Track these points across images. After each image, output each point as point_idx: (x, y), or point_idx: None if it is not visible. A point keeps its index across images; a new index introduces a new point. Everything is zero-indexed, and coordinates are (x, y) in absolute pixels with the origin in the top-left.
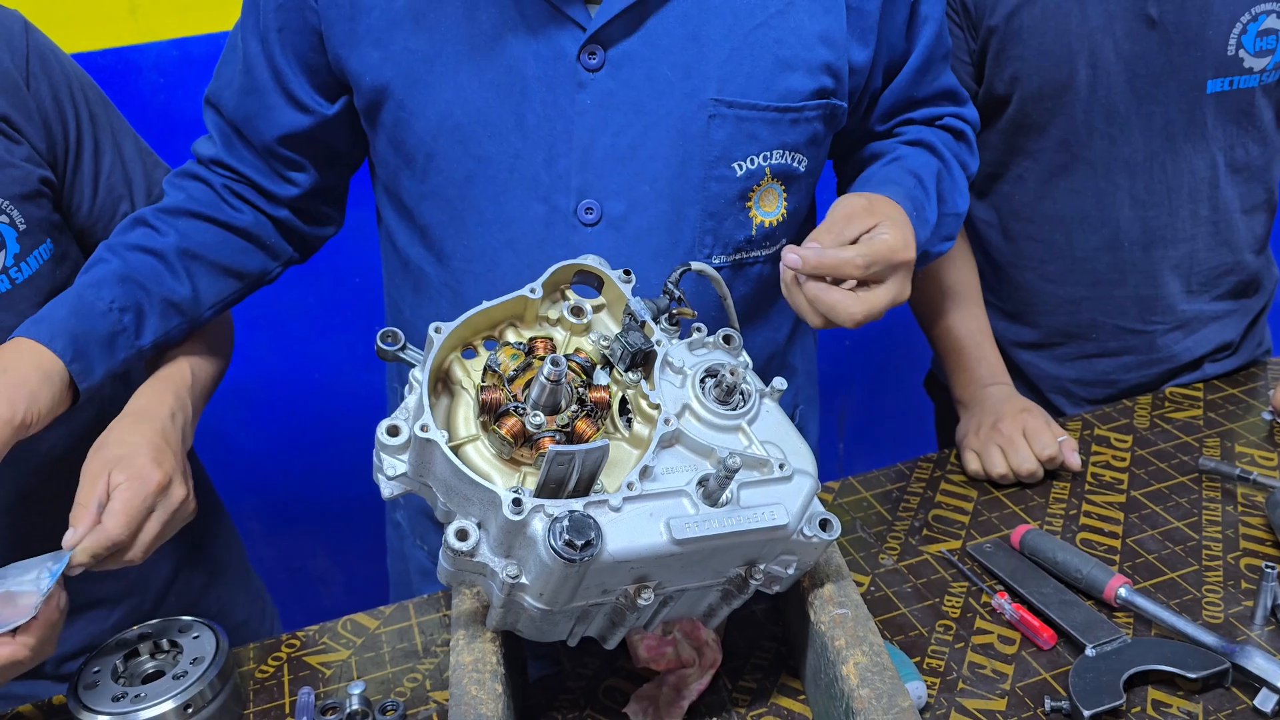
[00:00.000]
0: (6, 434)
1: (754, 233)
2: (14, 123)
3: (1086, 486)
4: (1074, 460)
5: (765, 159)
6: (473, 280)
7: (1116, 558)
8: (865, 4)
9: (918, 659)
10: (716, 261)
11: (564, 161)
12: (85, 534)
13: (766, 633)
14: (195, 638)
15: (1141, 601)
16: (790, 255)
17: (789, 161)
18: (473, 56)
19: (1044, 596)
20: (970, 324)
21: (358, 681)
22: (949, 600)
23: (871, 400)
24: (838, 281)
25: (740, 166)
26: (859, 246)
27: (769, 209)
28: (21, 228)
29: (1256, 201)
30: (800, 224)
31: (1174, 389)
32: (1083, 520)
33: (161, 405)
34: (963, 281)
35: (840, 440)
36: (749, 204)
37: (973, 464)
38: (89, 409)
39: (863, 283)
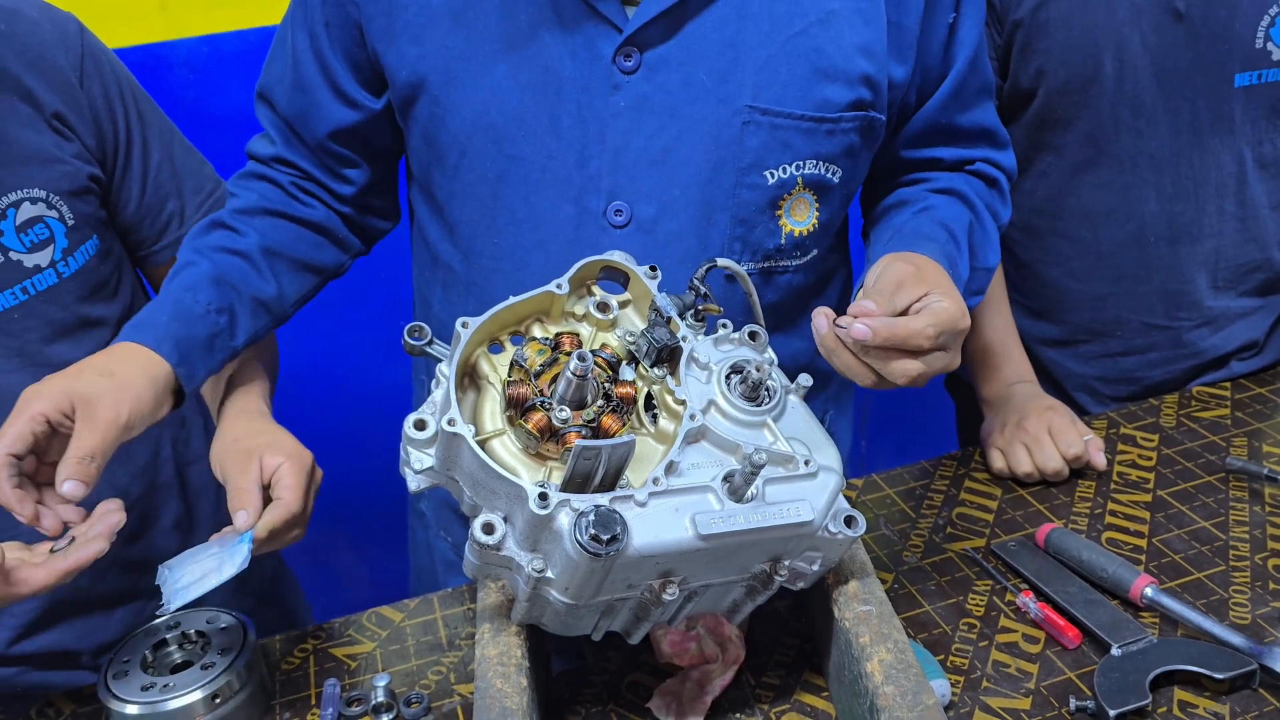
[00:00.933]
0: (112, 435)
1: (784, 241)
2: (67, 120)
3: (1112, 485)
4: (1099, 459)
5: (798, 168)
6: (501, 279)
7: (1142, 557)
8: (905, 19)
9: (941, 656)
10: (745, 269)
11: (596, 163)
12: (257, 513)
13: (790, 629)
14: (223, 629)
15: (1168, 601)
16: (859, 327)
17: (823, 172)
18: (508, 55)
19: (1069, 596)
20: (996, 322)
21: (383, 674)
22: (973, 598)
23: (892, 398)
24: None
25: (772, 174)
26: (926, 317)
27: (800, 218)
28: (70, 223)
29: None
30: (833, 236)
31: (1200, 388)
32: (1108, 519)
33: (261, 404)
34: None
35: (862, 438)
36: (779, 212)
37: (998, 462)
38: None
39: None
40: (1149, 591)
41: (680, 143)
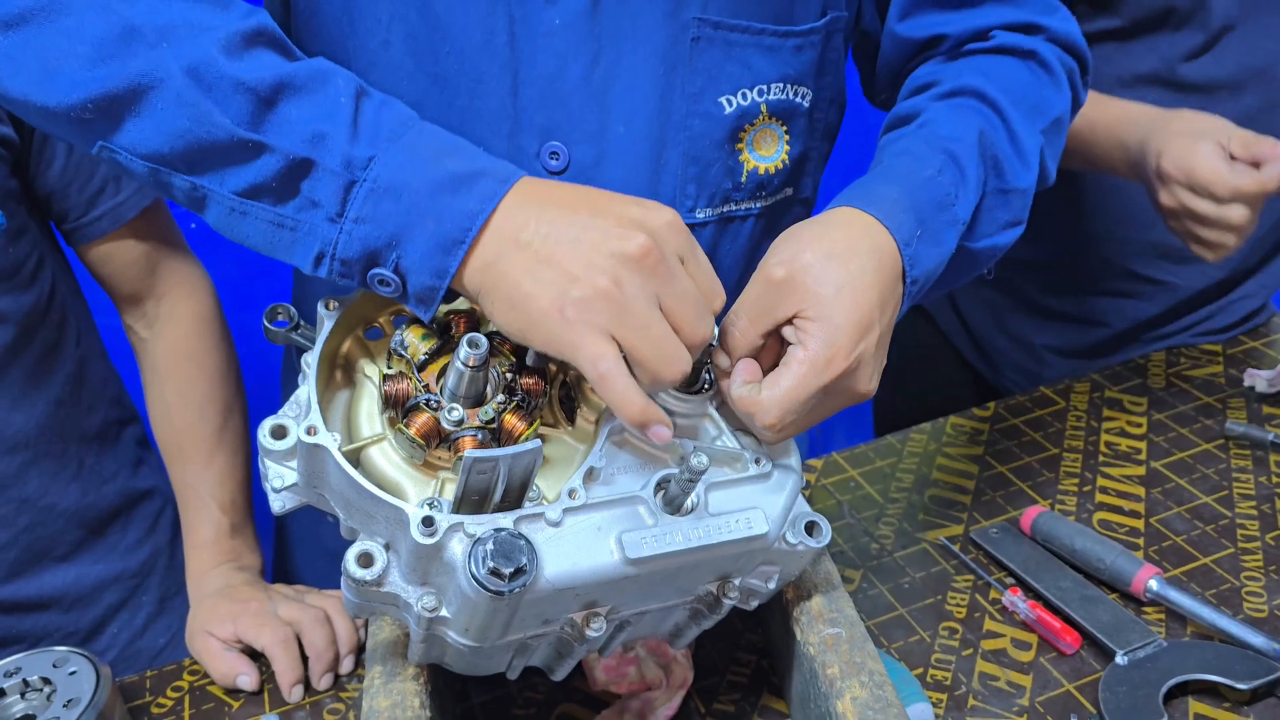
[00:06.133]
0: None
1: (744, 179)
2: None
3: (1101, 458)
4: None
5: (761, 94)
6: None
7: (1140, 541)
8: None
9: (919, 671)
10: (701, 216)
11: (528, 91)
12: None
13: (744, 642)
14: (72, 673)
15: (1176, 596)
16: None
17: (791, 96)
18: None
19: (1062, 592)
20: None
21: (270, 715)
22: (953, 597)
23: None
24: None
25: (730, 101)
26: (771, 396)
27: (766, 152)
28: None
29: None
30: (813, 171)
31: (1188, 346)
32: (1099, 497)
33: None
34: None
35: None
36: (740, 146)
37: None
38: (54, 389)
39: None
40: (1154, 585)
41: (621, 68)
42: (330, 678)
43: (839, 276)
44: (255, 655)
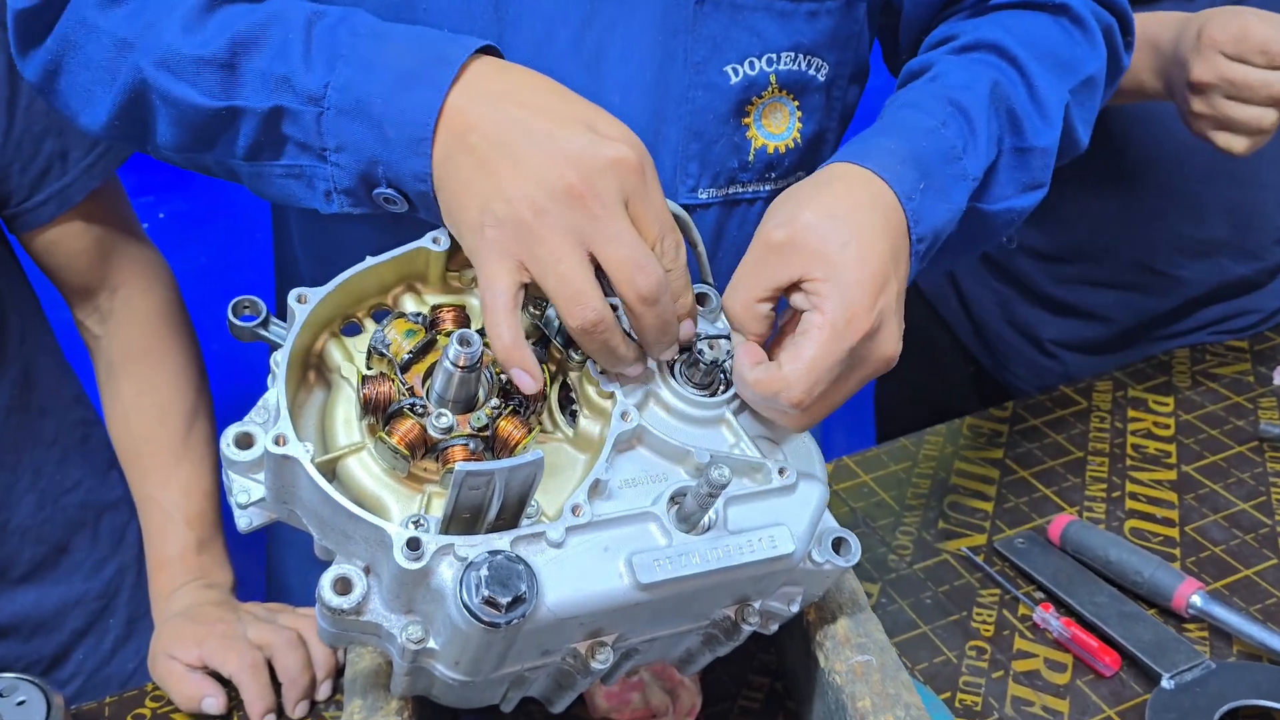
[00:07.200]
0: None
1: (751, 158)
2: None
3: (1128, 461)
4: None
5: (770, 63)
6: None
7: (1175, 551)
8: None
9: (947, 695)
10: (704, 197)
11: (513, 58)
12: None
13: (756, 664)
14: (20, 703)
15: (1222, 613)
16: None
17: (803, 68)
18: None
19: (1098, 608)
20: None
21: None
22: (979, 614)
23: None
24: None
25: (736, 71)
26: (791, 368)
27: (776, 130)
28: None
29: None
30: (827, 155)
31: (1213, 343)
32: (1129, 504)
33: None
34: None
35: None
36: (747, 121)
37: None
38: (11, 371)
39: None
40: (1197, 600)
41: (616, 33)
42: (306, 705)
43: (844, 232)
44: (225, 681)
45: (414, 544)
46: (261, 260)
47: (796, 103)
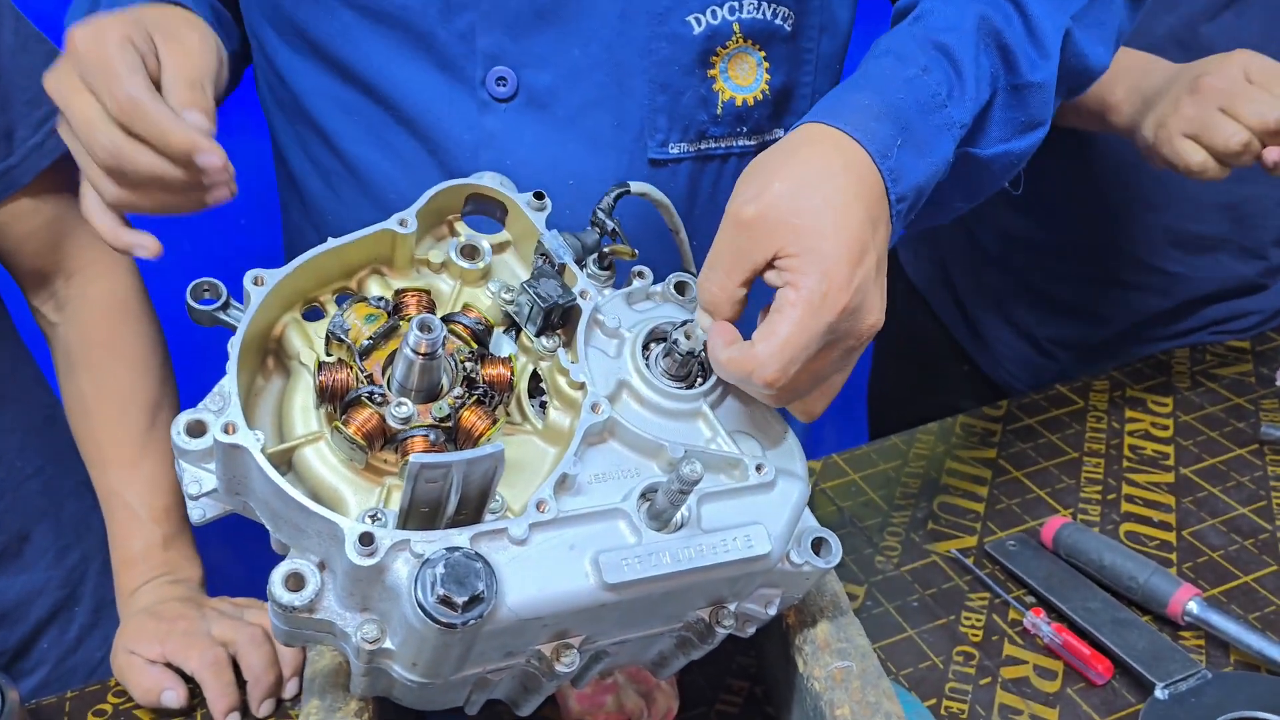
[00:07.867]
0: (211, 63)
1: (720, 111)
2: None
3: (1125, 463)
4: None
5: (732, 11)
6: (353, 184)
7: (1172, 556)
8: None
9: (932, 702)
10: (675, 151)
11: (469, 15)
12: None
13: (734, 666)
14: None
15: (1219, 620)
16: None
17: (768, 16)
18: None
19: (1091, 614)
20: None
21: None
22: (967, 618)
23: None
24: None
25: (699, 20)
26: (765, 348)
27: (743, 81)
28: None
29: None
30: (799, 111)
31: (1214, 343)
32: (1125, 507)
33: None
34: None
35: None
36: (713, 73)
37: (1194, 155)
38: None
39: None
40: (1194, 607)
41: None
42: (271, 704)
43: (816, 202)
44: (190, 679)
45: (367, 539)
46: (237, 246)
47: (763, 53)
